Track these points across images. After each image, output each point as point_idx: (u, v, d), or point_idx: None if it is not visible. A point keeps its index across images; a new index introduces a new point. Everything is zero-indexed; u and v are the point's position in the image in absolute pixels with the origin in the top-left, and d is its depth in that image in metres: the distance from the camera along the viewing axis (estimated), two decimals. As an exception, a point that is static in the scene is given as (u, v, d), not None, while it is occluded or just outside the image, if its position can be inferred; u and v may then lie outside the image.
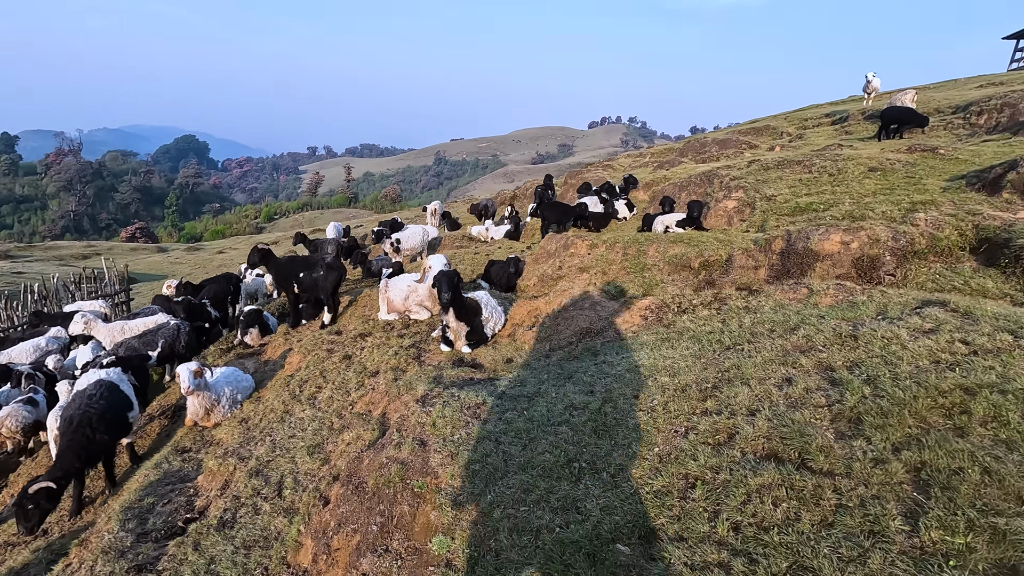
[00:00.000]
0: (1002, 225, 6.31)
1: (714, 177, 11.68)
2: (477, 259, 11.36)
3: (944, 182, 8.44)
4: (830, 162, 10.22)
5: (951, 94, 19.11)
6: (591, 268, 8.98)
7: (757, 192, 9.62)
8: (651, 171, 18.24)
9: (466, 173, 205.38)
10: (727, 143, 22.06)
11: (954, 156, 10.05)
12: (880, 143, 14.95)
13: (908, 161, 9.97)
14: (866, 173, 9.45)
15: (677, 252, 8.21)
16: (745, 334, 4.11)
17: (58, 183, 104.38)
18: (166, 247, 54.04)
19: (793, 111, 32.72)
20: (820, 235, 6.66)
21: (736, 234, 8.69)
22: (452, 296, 5.42)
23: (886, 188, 8.53)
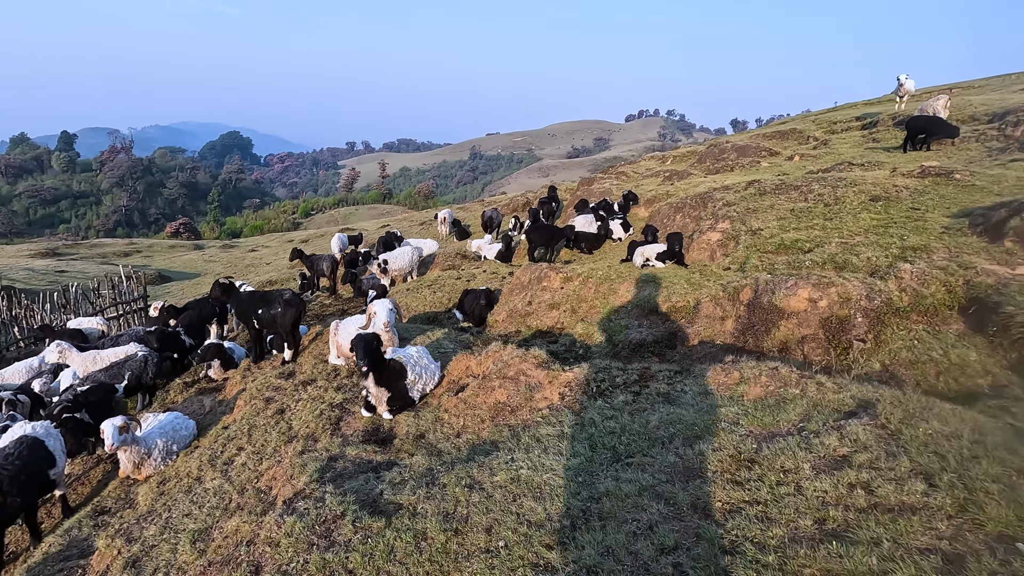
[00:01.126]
0: (995, 284, 5.57)
1: (708, 200, 10.97)
2: (459, 285, 11.01)
3: (948, 218, 7.60)
4: (829, 189, 9.41)
5: (991, 98, 17.62)
6: (561, 305, 8.53)
7: (743, 224, 8.93)
8: (659, 183, 17.48)
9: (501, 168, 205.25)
10: (746, 149, 21.03)
11: (970, 183, 9.11)
12: (901, 155, 13.85)
13: (916, 188, 9.08)
14: (865, 204, 8.64)
15: (646, 294, 7.68)
16: (644, 441, 3.64)
17: (111, 179, 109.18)
18: (203, 244, 55.68)
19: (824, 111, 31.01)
20: (787, 290, 6.04)
21: (712, 273, 8.08)
22: (370, 361, 5.10)
23: (882, 225, 7.74)
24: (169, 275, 39.79)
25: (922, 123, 14.48)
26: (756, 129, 29.99)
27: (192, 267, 44.76)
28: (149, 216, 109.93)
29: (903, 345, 5.37)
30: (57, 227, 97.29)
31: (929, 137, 14.52)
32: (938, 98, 16.16)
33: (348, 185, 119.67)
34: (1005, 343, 5.01)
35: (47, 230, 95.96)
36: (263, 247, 50.44)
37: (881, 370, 5.21)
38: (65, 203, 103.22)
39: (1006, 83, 22.47)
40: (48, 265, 38.06)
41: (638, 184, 19.37)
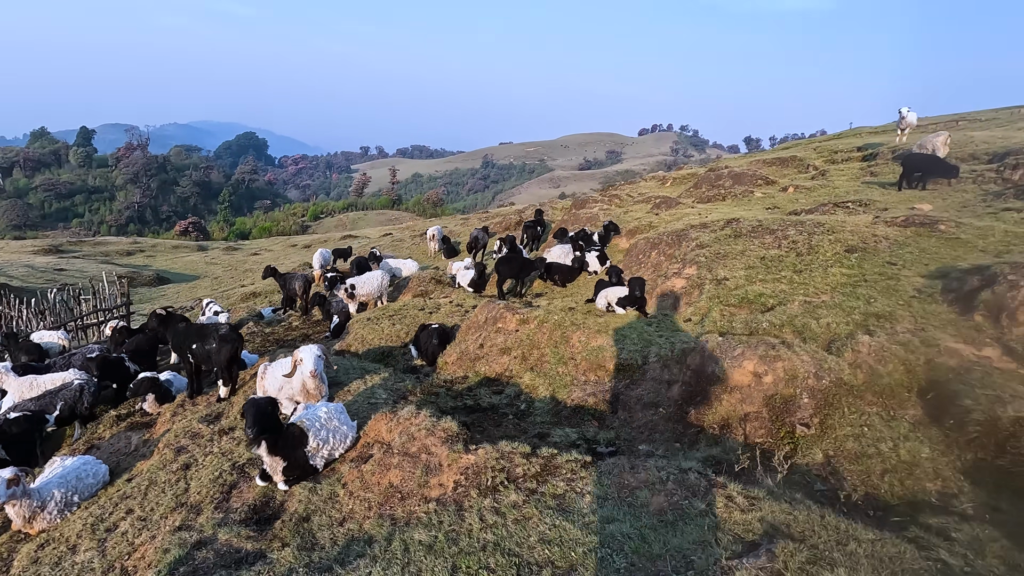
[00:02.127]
0: (957, 367, 5.04)
1: (683, 239, 10.48)
2: (420, 317, 10.58)
3: (923, 279, 7.05)
4: (805, 236, 8.89)
5: (994, 134, 16.98)
6: (513, 350, 8.07)
7: (709, 271, 8.42)
8: (647, 211, 16.99)
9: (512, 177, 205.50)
10: (742, 177, 20.51)
11: (955, 236, 8.55)
12: (895, 194, 13.27)
13: (896, 240, 8.54)
14: (839, 256, 8.11)
15: (597, 346, 7.20)
16: (511, 568, 3.16)
17: (126, 176, 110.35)
18: (206, 246, 55.79)
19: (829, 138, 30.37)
20: (732, 360, 5.53)
21: (669, 327, 7.58)
22: (261, 429, 4.67)
23: (851, 282, 7.20)
24: (169, 276, 39.74)
25: (918, 161, 13.92)
26: (759, 154, 29.44)
27: (193, 269, 44.69)
28: (161, 213, 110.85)
29: (851, 432, 4.85)
30: (71, 221, 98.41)
31: (925, 176, 13.95)
32: (938, 134, 15.57)
33: (358, 190, 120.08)
34: (960, 441, 4.48)
35: (60, 224, 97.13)
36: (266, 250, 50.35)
37: (823, 463, 4.68)
38: (80, 198, 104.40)
39: (1014, 117, 21.79)
40: (49, 263, 38.14)
41: (627, 210, 18.89)
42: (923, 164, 13.85)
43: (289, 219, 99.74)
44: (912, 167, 13.94)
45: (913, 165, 13.91)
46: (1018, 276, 5.53)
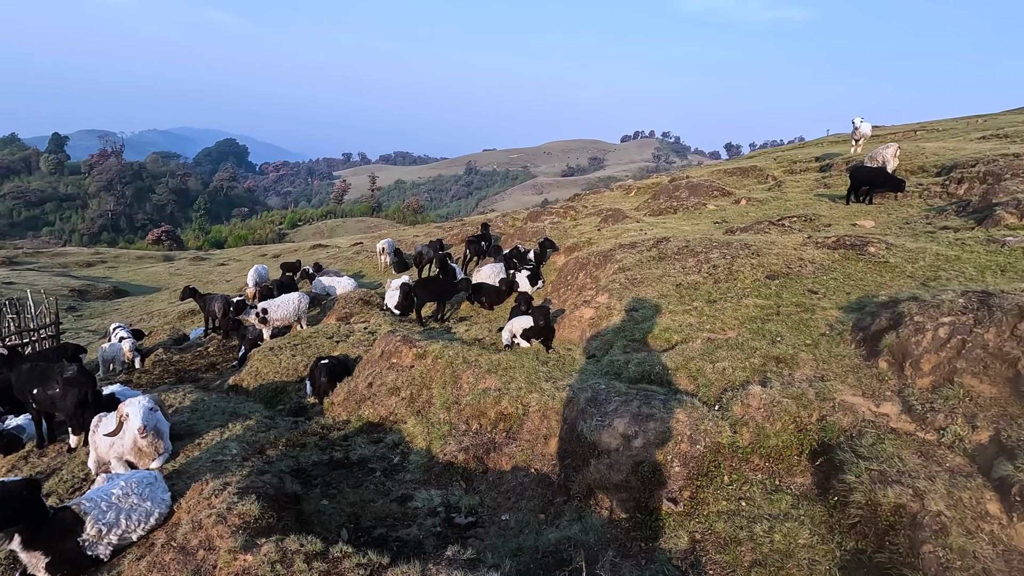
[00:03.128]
0: (850, 428, 4.34)
1: (609, 260, 9.77)
2: (327, 346, 9.73)
3: (839, 311, 6.38)
4: (728, 259, 8.20)
5: (946, 145, 16.58)
6: (403, 390, 7.27)
7: (621, 300, 7.69)
8: (595, 225, 16.30)
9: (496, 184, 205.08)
10: (699, 188, 19.96)
11: (884, 259, 7.92)
12: (843, 207, 12.71)
13: (823, 264, 7.89)
14: (758, 284, 7.43)
15: (483, 389, 6.42)
16: None
17: (99, 183, 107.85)
18: (173, 256, 54.21)
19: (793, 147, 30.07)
20: (603, 417, 4.78)
21: (565, 366, 6.83)
22: (12, 517, 3.82)
23: (763, 316, 6.51)
24: (128, 289, 38.35)
25: (866, 174, 13.40)
26: (721, 163, 29.03)
27: (155, 280, 43.25)
28: (136, 222, 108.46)
29: (725, 509, 4.11)
30: (40, 230, 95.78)
31: (872, 189, 13.44)
32: (888, 146, 15.12)
33: (338, 197, 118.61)
34: (842, 525, 3.76)
35: (30, 232, 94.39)
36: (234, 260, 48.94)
37: (687, 549, 3.93)
38: (50, 206, 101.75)
39: (969, 128, 21.52)
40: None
41: (577, 223, 18.21)
42: (870, 178, 13.33)
43: (266, 227, 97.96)
44: (859, 181, 13.42)
45: (860, 179, 13.39)
46: (924, 318, 4.86)
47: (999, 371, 4.29)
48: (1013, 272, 6.98)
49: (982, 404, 4.17)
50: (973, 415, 4.07)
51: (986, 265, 7.32)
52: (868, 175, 13.37)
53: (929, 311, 4.88)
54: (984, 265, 7.33)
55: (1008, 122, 20.55)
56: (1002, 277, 6.89)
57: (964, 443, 3.96)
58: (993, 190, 10.05)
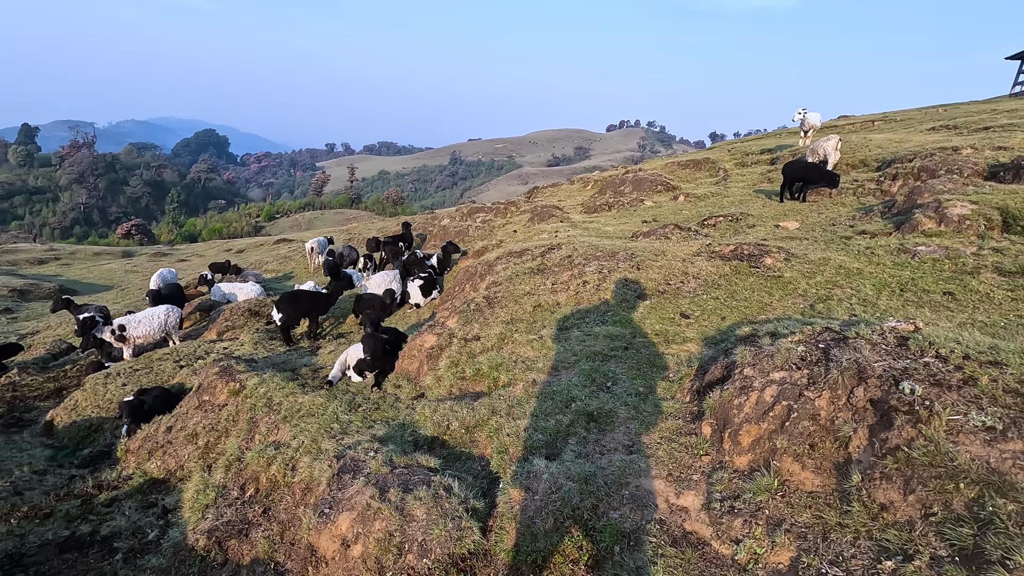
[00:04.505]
0: (630, 533, 3.21)
1: (488, 272, 8.60)
2: (168, 372, 8.49)
3: (701, 344, 5.26)
4: (606, 273, 7.05)
5: (892, 137, 15.50)
6: (202, 436, 6.08)
7: (467, 325, 6.51)
8: (523, 224, 15.10)
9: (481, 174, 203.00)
10: (643, 183, 18.82)
11: (779, 273, 6.81)
12: (776, 205, 11.59)
13: (709, 279, 6.76)
14: (627, 304, 6.29)
15: (272, 442, 5.24)
16: None
17: (70, 175, 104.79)
18: (133, 252, 52.22)
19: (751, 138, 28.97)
20: (325, 513, 3.63)
21: (383, 408, 5.66)
22: None
23: (606, 351, 5.37)
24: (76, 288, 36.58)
25: (799, 170, 12.30)
26: (677, 155, 27.90)
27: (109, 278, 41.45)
28: (110, 215, 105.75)
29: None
30: (9, 224, 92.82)
31: (806, 186, 12.36)
32: (829, 138, 14.03)
33: (317, 188, 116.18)
34: None
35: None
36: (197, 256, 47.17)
37: None
38: (19, 199, 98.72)
39: (927, 118, 20.48)
40: (-64, 275, 34.72)
41: (508, 222, 17.00)
42: (803, 174, 12.24)
43: (242, 220, 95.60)
44: (792, 177, 12.32)
45: (793, 175, 12.29)
46: (755, 372, 3.73)
47: (827, 453, 3.18)
48: (913, 292, 5.90)
49: (796, 503, 3.05)
50: (778, 522, 2.95)
51: (886, 282, 6.23)
52: (801, 171, 12.27)
53: (762, 362, 3.76)
54: (884, 282, 6.24)
55: (962, 113, 19.55)
56: (897, 298, 5.80)
57: (760, 565, 2.85)
58: (919, 189, 8.96)
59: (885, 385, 3.14)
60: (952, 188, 8.63)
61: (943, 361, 3.21)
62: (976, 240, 7.11)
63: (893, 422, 2.95)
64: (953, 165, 10.20)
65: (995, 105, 22.06)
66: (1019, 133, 12.16)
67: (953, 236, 7.28)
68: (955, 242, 7.08)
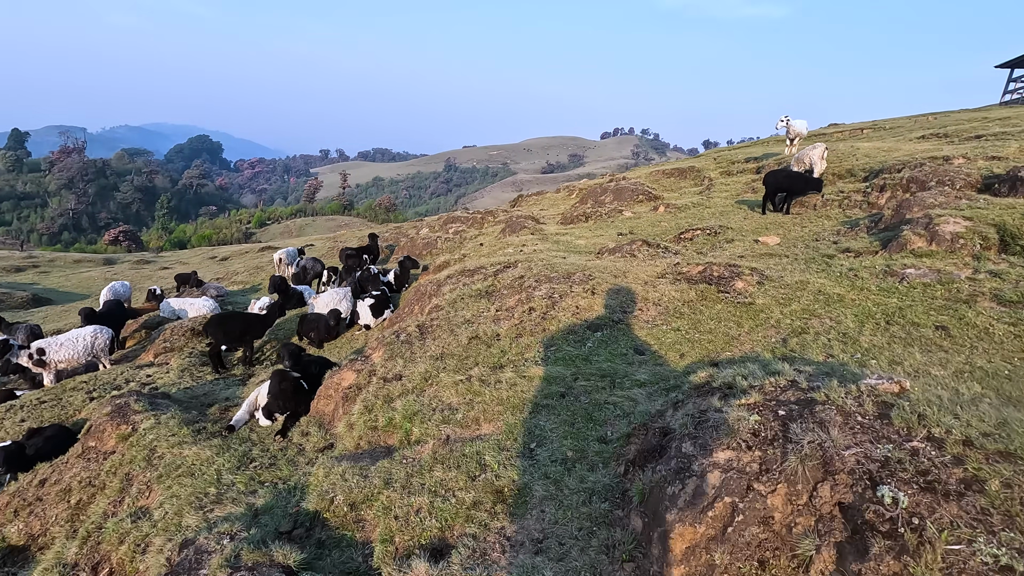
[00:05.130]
0: None
1: (437, 292, 7.75)
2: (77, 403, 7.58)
3: (651, 391, 4.42)
4: (555, 298, 6.20)
5: (881, 146, 14.76)
6: (75, 493, 5.17)
7: (393, 359, 5.65)
8: (495, 236, 14.27)
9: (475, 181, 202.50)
10: (623, 193, 18.05)
11: (751, 300, 5.98)
12: (758, 217, 10.78)
13: (671, 307, 5.93)
14: (574, 337, 5.45)
15: (139, 508, 4.35)
16: None
17: (60, 181, 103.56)
18: (115, 259, 51.13)
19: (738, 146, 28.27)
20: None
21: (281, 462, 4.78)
22: None
23: (544, 397, 4.50)
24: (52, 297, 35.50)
25: (781, 180, 11.52)
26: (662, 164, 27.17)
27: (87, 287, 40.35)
28: (100, 221, 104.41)
29: None
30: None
31: (790, 196, 11.59)
32: (815, 147, 13.27)
33: (310, 195, 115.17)
34: None
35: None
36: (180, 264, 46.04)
37: None
38: (7, 204, 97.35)
39: (916, 126, 19.80)
40: (-95, 283, 33.61)
41: (481, 233, 16.17)
42: (786, 184, 11.47)
43: (232, 226, 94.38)
44: (775, 187, 11.54)
45: (776, 184, 11.51)
46: (695, 448, 2.87)
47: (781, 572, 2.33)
48: (900, 325, 5.06)
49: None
50: None
51: (871, 312, 5.40)
52: (784, 181, 11.49)
53: (705, 435, 2.90)
54: (868, 312, 5.41)
55: (952, 121, 18.86)
56: (883, 333, 4.97)
57: None
58: (908, 203, 8.17)
59: (859, 485, 2.29)
60: (944, 202, 7.84)
61: (937, 447, 2.37)
62: (971, 261, 6.31)
63: (869, 548, 2.10)
64: (944, 176, 9.43)
65: (986, 113, 21.43)
66: (1012, 142, 11.43)
67: (945, 257, 6.48)
68: (948, 264, 6.27)
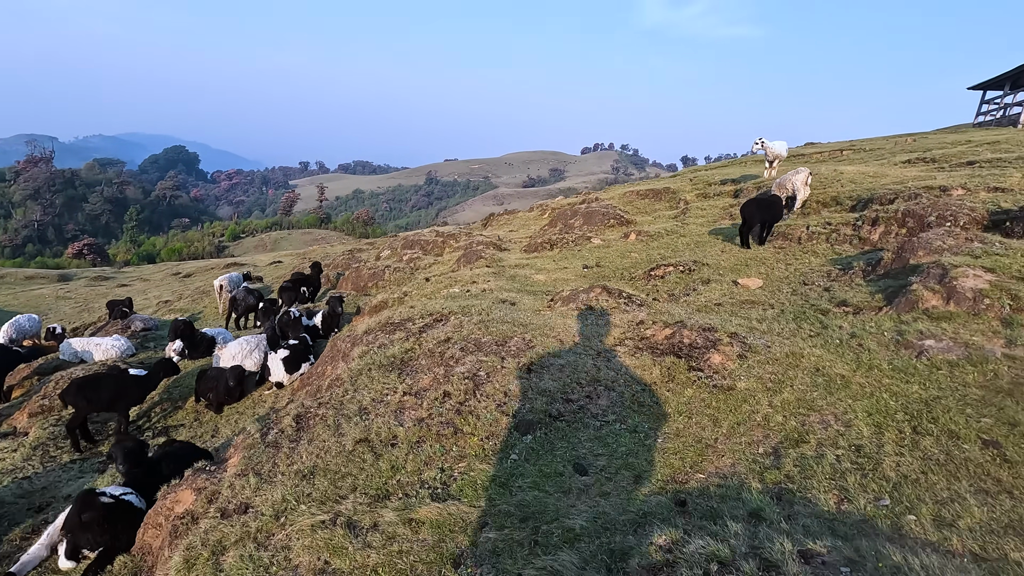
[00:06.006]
0: None
1: (348, 355, 6.21)
2: None
3: (586, 547, 2.97)
4: (479, 380, 4.73)
5: (866, 171, 13.67)
6: None
7: (243, 480, 4.11)
8: (448, 268, 12.78)
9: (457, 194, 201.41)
10: (594, 216, 16.74)
11: (731, 385, 4.57)
12: (739, 252, 9.46)
13: (628, 396, 4.49)
14: (491, 446, 3.97)
15: None
16: None
17: (25, 191, 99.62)
18: (71, 275, 48.33)
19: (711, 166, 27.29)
20: None
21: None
22: None
23: (430, 558, 3.02)
24: (-5, 316, 32.97)
25: (758, 210, 10.26)
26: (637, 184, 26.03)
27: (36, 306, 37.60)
28: (66, 233, 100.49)
29: None
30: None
31: (771, 224, 10.37)
32: (798, 171, 12.12)
33: (286, 208, 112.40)
34: None
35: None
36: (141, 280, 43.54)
37: None
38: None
39: (896, 148, 18.90)
40: None
41: (437, 261, 14.66)
42: (769, 217, 10.23)
43: (205, 239, 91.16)
44: (751, 217, 10.26)
45: (752, 215, 10.23)
46: None
47: None
48: (933, 435, 3.67)
49: None
50: None
51: (888, 407, 4.01)
52: (766, 212, 10.23)
53: None
54: (885, 407, 4.02)
55: (937, 143, 17.99)
56: (911, 452, 3.56)
57: None
58: (912, 245, 6.90)
59: None
60: (954, 245, 6.58)
61: None
62: (1001, 329, 4.99)
63: None
64: (946, 210, 8.23)
65: (967, 135, 20.68)
66: (1012, 171, 10.34)
67: (969, 321, 5.17)
68: (974, 332, 4.95)
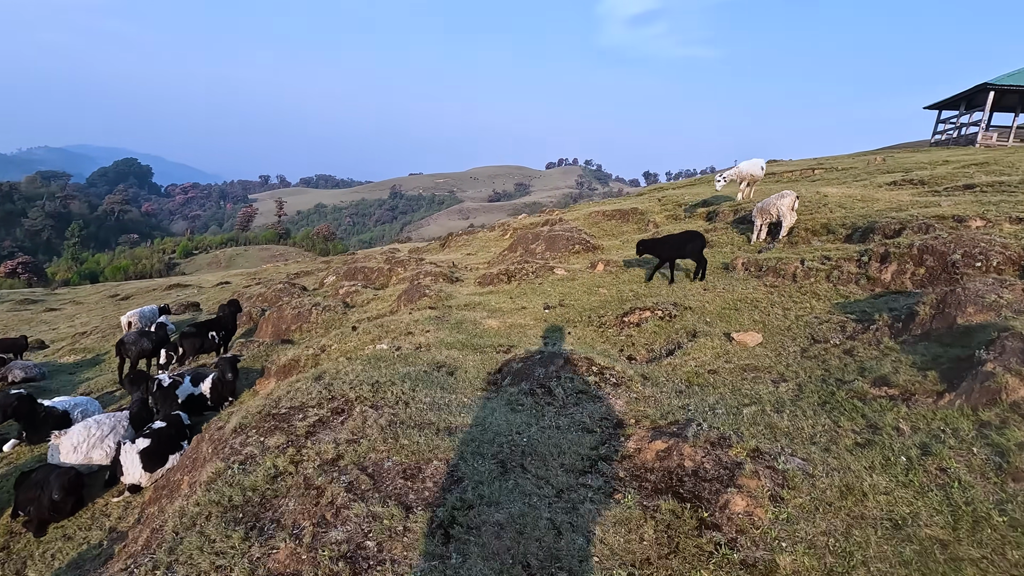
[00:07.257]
0: None
1: (220, 453, 4.20)
2: None
3: None
4: (348, 563, 2.83)
5: (851, 193, 12.43)
6: None
7: None
8: (390, 304, 10.80)
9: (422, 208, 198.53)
10: (558, 241, 15.11)
11: (767, 562, 2.83)
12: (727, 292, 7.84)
13: None
14: None
15: None
16: None
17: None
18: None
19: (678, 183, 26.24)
20: None
21: None
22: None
23: None
24: None
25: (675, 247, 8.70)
26: (603, 203, 24.58)
27: (-60, 334, 33.45)
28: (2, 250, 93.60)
29: None
30: None
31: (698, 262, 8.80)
32: (783, 195, 10.72)
33: (244, 223, 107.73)
34: None
35: None
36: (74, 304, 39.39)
37: None
38: None
39: (871, 168, 17.96)
40: None
41: (376, 295, 12.63)
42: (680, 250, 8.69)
43: (154, 256, 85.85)
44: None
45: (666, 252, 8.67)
46: None
47: None
48: None
49: None
50: None
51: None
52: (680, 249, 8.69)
53: None
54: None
55: (913, 163, 17.07)
56: None
57: None
58: (956, 298, 5.35)
59: None
60: (1013, 300, 5.06)
61: None
62: None
63: None
64: (972, 247, 6.80)
65: (936, 154, 20.00)
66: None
67: (1086, 427, 3.57)
68: (1104, 449, 3.34)
